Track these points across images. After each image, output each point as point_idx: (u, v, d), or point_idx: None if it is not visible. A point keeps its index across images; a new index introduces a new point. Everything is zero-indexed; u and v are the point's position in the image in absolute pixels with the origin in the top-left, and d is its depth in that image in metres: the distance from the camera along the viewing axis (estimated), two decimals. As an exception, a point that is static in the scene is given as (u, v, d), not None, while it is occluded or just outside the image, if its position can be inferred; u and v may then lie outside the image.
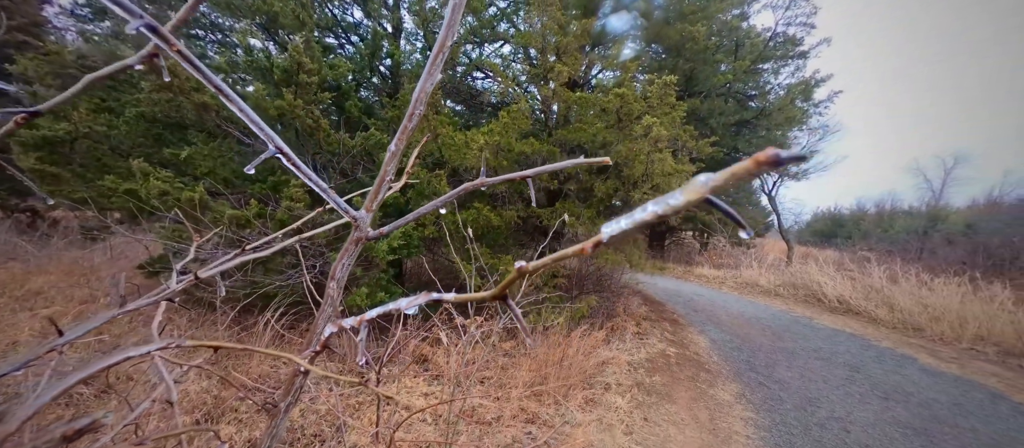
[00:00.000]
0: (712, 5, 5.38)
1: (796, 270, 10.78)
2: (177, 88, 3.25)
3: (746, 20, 7.19)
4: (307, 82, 3.62)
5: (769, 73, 8.27)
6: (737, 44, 6.71)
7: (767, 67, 8.04)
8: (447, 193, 0.89)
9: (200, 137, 3.99)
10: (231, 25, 5.74)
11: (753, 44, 7.27)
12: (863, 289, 8.34)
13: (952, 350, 5.88)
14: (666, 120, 3.74)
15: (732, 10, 5.94)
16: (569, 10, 4.49)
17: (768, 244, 20.53)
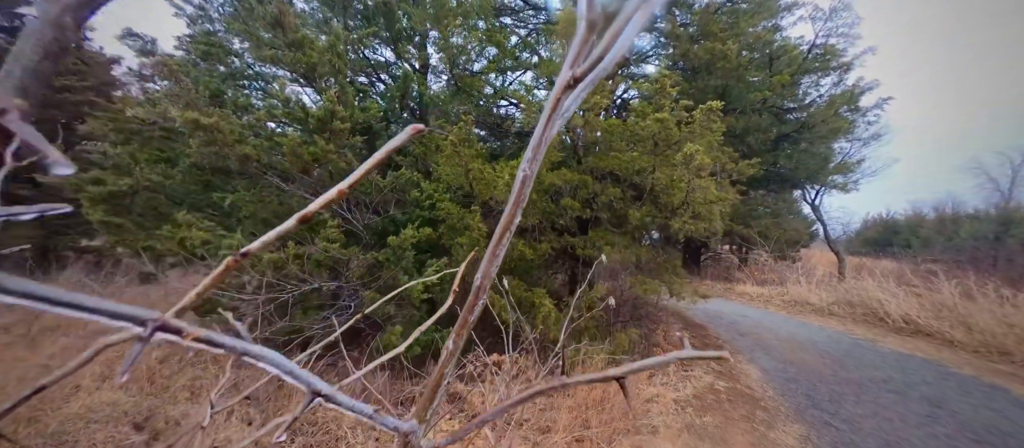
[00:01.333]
0: (742, 21, 5.22)
1: (851, 286, 9.97)
2: (221, 141, 3.44)
3: (779, 31, 6.91)
4: (341, 128, 3.74)
5: (809, 86, 7.86)
6: (771, 58, 6.43)
7: (806, 80, 7.65)
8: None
9: (243, 183, 4.19)
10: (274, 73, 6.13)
11: (792, 58, 6.95)
12: (932, 307, 7.56)
13: (1052, 379, 5.16)
14: (705, 143, 3.57)
15: (764, 22, 5.74)
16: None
17: (815, 255, 19.24)
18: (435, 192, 4.56)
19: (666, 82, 3.46)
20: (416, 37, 6.49)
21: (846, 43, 7.48)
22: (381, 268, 4.38)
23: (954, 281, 7.99)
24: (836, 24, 7.13)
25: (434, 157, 4.63)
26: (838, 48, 7.36)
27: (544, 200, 4.20)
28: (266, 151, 3.90)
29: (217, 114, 3.55)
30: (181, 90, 3.45)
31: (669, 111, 3.38)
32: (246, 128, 3.84)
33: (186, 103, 3.45)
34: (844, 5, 6.82)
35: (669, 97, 3.43)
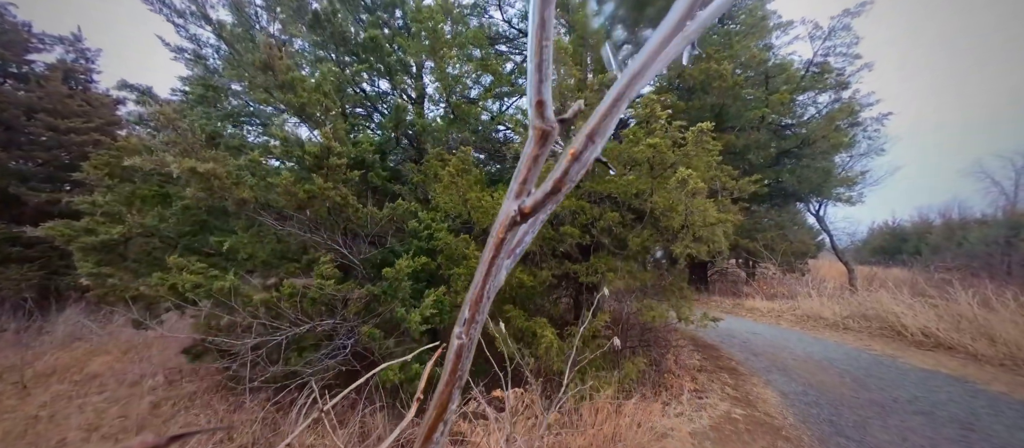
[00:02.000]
0: (735, 43, 5.26)
1: (864, 298, 9.70)
2: (218, 186, 3.40)
3: (772, 50, 6.97)
4: (337, 164, 3.70)
5: (807, 102, 7.87)
6: (767, 76, 6.47)
7: (804, 97, 7.67)
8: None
9: (239, 224, 4.14)
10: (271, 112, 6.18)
11: (788, 76, 6.98)
12: (951, 318, 7.30)
13: (1089, 393, 4.88)
14: (702, 164, 3.50)
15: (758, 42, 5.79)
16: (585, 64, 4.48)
17: (824, 266, 18.89)
18: (433, 221, 4.48)
19: (656, 106, 3.43)
20: (412, 67, 6.58)
21: (845, 62, 7.52)
22: (379, 302, 4.26)
23: (971, 290, 7.75)
24: (834, 43, 7.19)
25: (432, 186, 4.58)
26: (835, 66, 7.38)
27: (544, 226, 4.11)
28: (263, 190, 3.86)
29: (213, 158, 3.52)
30: (178, 137, 3.43)
31: (662, 134, 3.33)
32: (242, 168, 3.80)
33: (183, 150, 3.43)
34: (843, 25, 6.91)
35: (660, 121, 3.39)
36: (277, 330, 3.64)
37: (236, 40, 4.12)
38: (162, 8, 4.14)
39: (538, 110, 0.36)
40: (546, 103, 0.36)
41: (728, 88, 5.06)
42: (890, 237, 21.35)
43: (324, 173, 3.66)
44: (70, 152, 11.07)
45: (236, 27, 4.40)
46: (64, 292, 10.60)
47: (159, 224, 4.87)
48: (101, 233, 4.77)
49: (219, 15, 4.26)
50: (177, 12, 4.17)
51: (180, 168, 3.36)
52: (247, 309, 3.75)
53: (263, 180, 3.70)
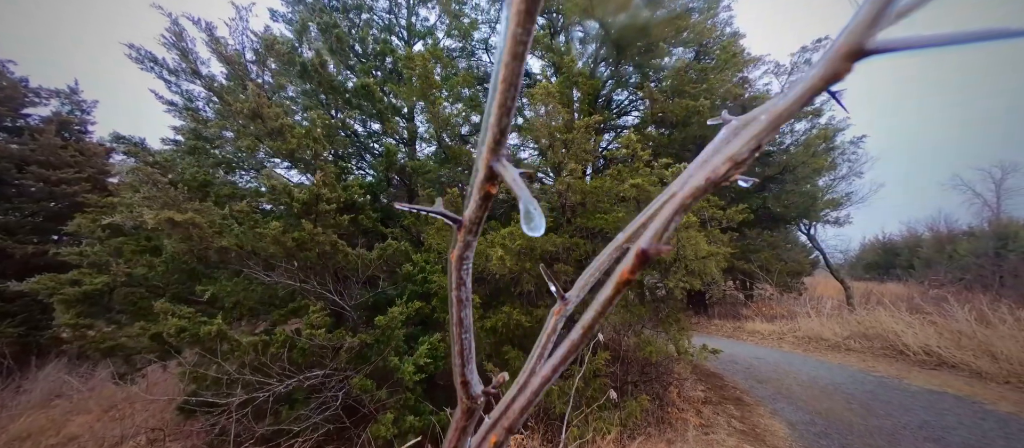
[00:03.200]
0: (711, 77, 5.52)
1: (863, 317, 9.66)
2: (198, 236, 3.37)
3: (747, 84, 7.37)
4: (327, 210, 3.70)
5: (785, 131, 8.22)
6: (743, 108, 6.79)
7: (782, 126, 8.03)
8: None
9: (225, 273, 4.07)
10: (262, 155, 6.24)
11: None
12: (952, 336, 7.26)
13: (1097, 410, 4.81)
14: (690, 197, 3.56)
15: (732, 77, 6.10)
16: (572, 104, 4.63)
17: (820, 284, 18.90)
18: (426, 263, 4.45)
19: (636, 146, 3.52)
20: (404, 109, 6.74)
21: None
22: (371, 350, 4.15)
23: (967, 306, 7.76)
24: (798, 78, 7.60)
25: (425, 227, 4.58)
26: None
27: (537, 265, 4.09)
28: (250, 238, 3.83)
29: (193, 209, 3.51)
30: (159, 192, 3.43)
31: (646, 171, 3.40)
32: (228, 217, 3.78)
33: (163, 203, 3.42)
34: (805, 60, 7.37)
35: (642, 159, 3.47)
36: (266, 384, 3.51)
37: (227, 93, 4.21)
38: (154, 67, 4.24)
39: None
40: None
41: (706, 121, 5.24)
42: (882, 252, 21.55)
43: (313, 219, 3.65)
44: (60, 202, 11.00)
45: (227, 81, 4.50)
46: (45, 346, 10.21)
47: (147, 273, 4.78)
48: (85, 284, 4.66)
49: (210, 69, 4.37)
50: (170, 71, 4.28)
51: (155, 220, 3.34)
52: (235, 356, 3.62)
53: (251, 229, 3.68)
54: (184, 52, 4.00)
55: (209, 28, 3.99)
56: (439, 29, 7.24)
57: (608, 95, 8.12)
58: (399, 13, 6.77)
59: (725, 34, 6.84)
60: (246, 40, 4.66)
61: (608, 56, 6.09)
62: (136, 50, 4.11)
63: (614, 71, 6.80)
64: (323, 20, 5.21)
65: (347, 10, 6.13)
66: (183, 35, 3.99)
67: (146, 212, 3.14)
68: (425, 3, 6.88)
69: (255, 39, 4.50)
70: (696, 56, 5.98)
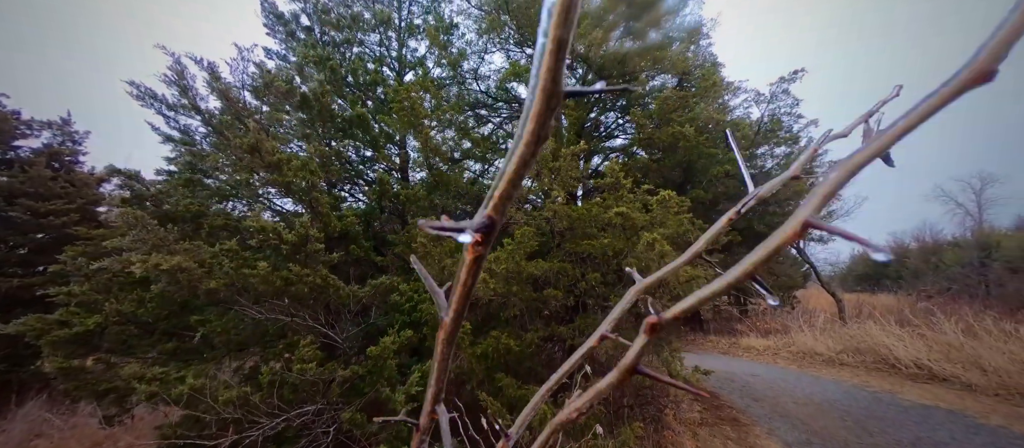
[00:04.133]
0: (696, 106, 5.75)
1: (855, 331, 9.74)
2: (185, 280, 3.38)
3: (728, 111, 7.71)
4: (316, 249, 3.75)
5: (766, 155, 8.54)
6: (726, 134, 7.06)
7: (762, 150, 8.36)
8: None
9: (214, 311, 4.06)
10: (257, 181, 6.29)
11: (743, 135, 7.66)
12: (941, 349, 7.35)
13: (1083, 421, 4.87)
14: (673, 222, 3.67)
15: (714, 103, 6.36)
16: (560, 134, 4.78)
17: (812, 297, 19.03)
18: (415, 293, 4.47)
19: (620, 175, 3.65)
20: (396, 136, 6.87)
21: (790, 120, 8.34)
22: (363, 382, 4.12)
23: (954, 318, 7.88)
24: (778, 106, 8.02)
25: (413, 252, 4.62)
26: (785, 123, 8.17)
27: (526, 290, 4.14)
28: (239, 277, 3.84)
29: (183, 249, 3.53)
30: (149, 234, 3.46)
31: (631, 199, 3.51)
32: (218, 255, 3.80)
33: (152, 246, 3.45)
34: (783, 90, 7.75)
35: (626, 188, 3.59)
36: (255, 424, 3.46)
37: (225, 127, 4.30)
38: (153, 103, 4.34)
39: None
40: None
41: (692, 147, 5.43)
42: (871, 263, 21.85)
43: (302, 259, 3.69)
44: (48, 233, 10.88)
45: (225, 115, 4.61)
46: (26, 382, 9.89)
47: (137, 310, 4.73)
48: (75, 325, 4.60)
49: (209, 104, 4.48)
50: (168, 106, 4.37)
51: (143, 268, 3.36)
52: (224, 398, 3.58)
53: (239, 268, 3.70)
54: (184, 89, 4.11)
55: (211, 67, 4.12)
56: (429, 59, 7.47)
57: (596, 119, 8.35)
58: (390, 46, 6.99)
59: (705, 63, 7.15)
60: (246, 78, 4.79)
61: (594, 81, 6.33)
62: (137, 87, 4.21)
63: (600, 96, 7.03)
64: (317, 53, 5.38)
65: (339, 45, 6.33)
66: (185, 73, 4.10)
67: (134, 258, 3.16)
68: (414, 36, 7.12)
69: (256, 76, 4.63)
70: (679, 83, 6.25)
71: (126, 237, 3.53)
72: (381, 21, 6.43)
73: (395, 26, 6.98)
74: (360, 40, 6.84)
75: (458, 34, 7.28)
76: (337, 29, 6.21)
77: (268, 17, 6.15)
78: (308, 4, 6.02)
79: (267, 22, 6.21)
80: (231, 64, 4.63)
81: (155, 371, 3.43)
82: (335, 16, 6.04)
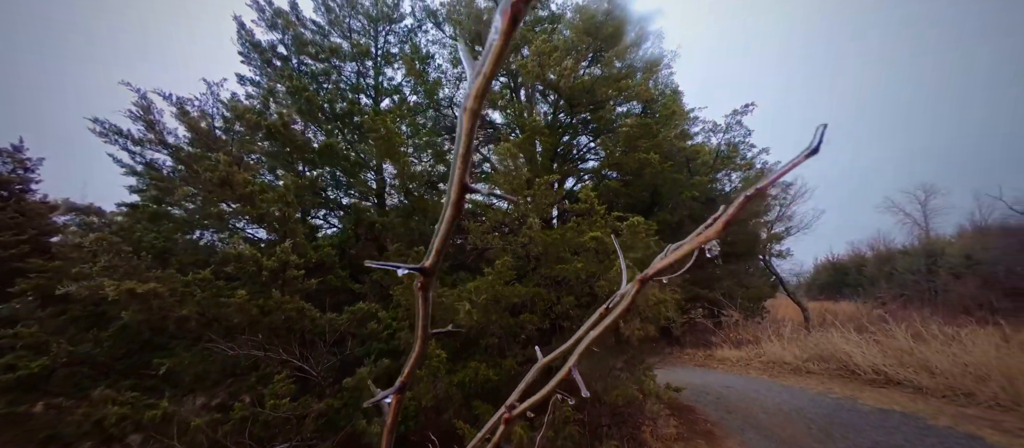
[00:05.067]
0: (659, 133, 6.13)
1: (819, 339, 10.24)
2: (159, 306, 3.30)
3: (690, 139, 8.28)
4: (295, 275, 3.73)
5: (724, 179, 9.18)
6: (687, 159, 7.57)
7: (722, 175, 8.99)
8: None
9: (182, 344, 3.94)
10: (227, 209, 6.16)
11: (704, 160, 8.22)
12: (895, 354, 7.84)
13: (1015, 419, 5.30)
14: (640, 246, 3.88)
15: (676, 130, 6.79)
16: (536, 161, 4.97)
17: (781, 306, 19.85)
18: (393, 320, 4.47)
19: (594, 201, 3.85)
20: (372, 162, 6.91)
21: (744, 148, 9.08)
22: (339, 415, 4.05)
23: (904, 324, 8.44)
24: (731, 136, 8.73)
25: (395, 286, 4.64)
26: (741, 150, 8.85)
27: (504, 316, 4.22)
28: (212, 306, 3.76)
29: (156, 276, 3.45)
30: (122, 261, 3.37)
31: (603, 224, 3.70)
32: (190, 283, 3.73)
33: (125, 272, 3.36)
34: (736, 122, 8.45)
35: (599, 213, 3.79)
36: (224, 465, 3.34)
37: (194, 160, 4.25)
38: (118, 139, 4.25)
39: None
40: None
41: (657, 173, 5.76)
42: (832, 271, 23.05)
43: (280, 286, 3.66)
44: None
45: (195, 146, 4.55)
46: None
47: (93, 349, 4.50)
48: (20, 369, 4.32)
49: (177, 138, 4.42)
50: (134, 141, 4.29)
51: (116, 292, 3.26)
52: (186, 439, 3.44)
53: (214, 297, 3.63)
54: (151, 124, 4.06)
55: (180, 102, 4.10)
56: (406, 87, 7.61)
57: (569, 143, 8.67)
58: (367, 74, 7.10)
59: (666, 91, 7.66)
60: (215, 111, 4.77)
61: (565, 108, 6.64)
62: (101, 124, 4.12)
63: (571, 123, 7.35)
64: (292, 85, 5.42)
65: (316, 75, 6.39)
66: (151, 108, 4.06)
67: (107, 283, 3.07)
68: (391, 65, 7.27)
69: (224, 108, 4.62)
70: (644, 111, 6.66)
71: (96, 264, 3.40)
72: (359, 52, 6.56)
73: (372, 56, 7.12)
74: (338, 68, 6.93)
75: (434, 64, 7.48)
76: (315, 59, 6.29)
77: (244, 45, 6.17)
78: (286, 35, 6.08)
79: (243, 51, 6.22)
80: (201, 98, 4.62)
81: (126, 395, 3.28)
82: (313, 48, 6.12)
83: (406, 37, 7.57)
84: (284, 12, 6.10)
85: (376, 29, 7.10)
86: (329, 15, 6.72)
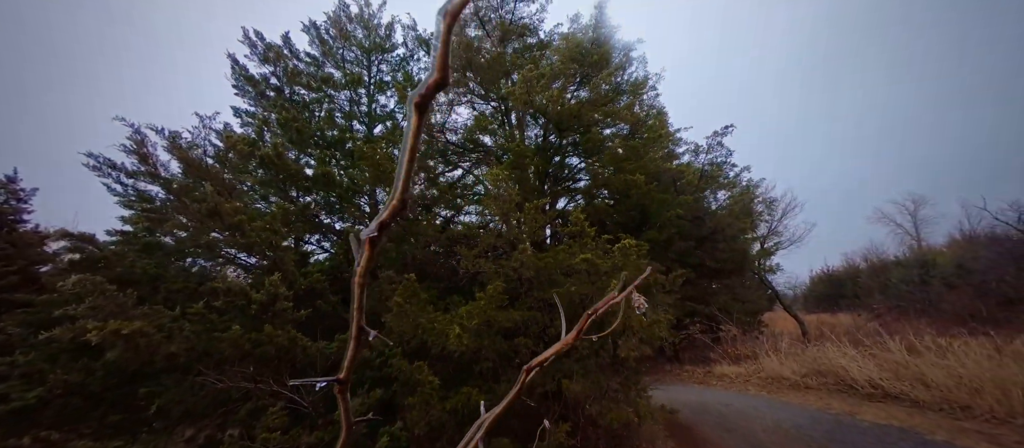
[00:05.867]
0: (644, 154, 6.30)
1: (817, 353, 10.22)
2: (145, 345, 3.29)
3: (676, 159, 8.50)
4: (285, 307, 3.74)
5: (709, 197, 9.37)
6: (673, 180, 7.76)
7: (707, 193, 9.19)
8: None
9: (171, 379, 3.90)
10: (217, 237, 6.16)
11: (688, 182, 8.44)
12: (891, 367, 7.84)
13: (1011, 432, 5.29)
14: (631, 267, 3.94)
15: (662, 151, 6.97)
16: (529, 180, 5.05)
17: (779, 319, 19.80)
18: (386, 348, 4.45)
19: (584, 224, 3.92)
20: (365, 187, 6.98)
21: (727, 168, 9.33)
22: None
23: (898, 337, 8.47)
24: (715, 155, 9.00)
25: (386, 313, 4.64)
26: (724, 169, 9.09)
27: (497, 341, 4.22)
28: (203, 341, 3.74)
29: (142, 314, 3.44)
30: (107, 300, 3.37)
31: (594, 246, 3.76)
32: (179, 318, 3.71)
33: (110, 313, 3.35)
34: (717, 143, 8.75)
35: (590, 235, 3.85)
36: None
37: (185, 193, 4.30)
38: (111, 172, 4.31)
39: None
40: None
41: (644, 193, 5.88)
42: (828, 283, 23.13)
43: (270, 318, 3.66)
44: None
45: (186, 177, 4.61)
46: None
47: (84, 379, 4.43)
48: (14, 400, 4.23)
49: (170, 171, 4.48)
50: (127, 173, 4.35)
51: (100, 335, 3.25)
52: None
53: (207, 332, 3.62)
54: (144, 157, 4.12)
55: (172, 135, 4.18)
56: (398, 113, 7.76)
57: (561, 163, 8.82)
58: (360, 102, 7.26)
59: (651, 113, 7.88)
60: (208, 145, 4.86)
61: (554, 130, 6.80)
62: (94, 158, 4.18)
63: (561, 144, 7.50)
64: (284, 116, 5.53)
65: (308, 104, 6.53)
66: (145, 142, 4.13)
67: (90, 326, 3.06)
68: (383, 92, 7.44)
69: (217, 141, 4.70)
70: (631, 132, 6.83)
71: (81, 305, 3.39)
72: (352, 81, 6.72)
73: (365, 84, 7.29)
74: (331, 97, 7.08)
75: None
76: (308, 89, 6.43)
77: (238, 79, 6.31)
78: (278, 67, 6.24)
79: (236, 84, 6.36)
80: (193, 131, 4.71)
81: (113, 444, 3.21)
82: (306, 78, 6.28)
83: (399, 65, 7.78)
84: (276, 46, 6.28)
85: (369, 59, 7.30)
86: (323, 47, 6.91)
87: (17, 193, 11.66)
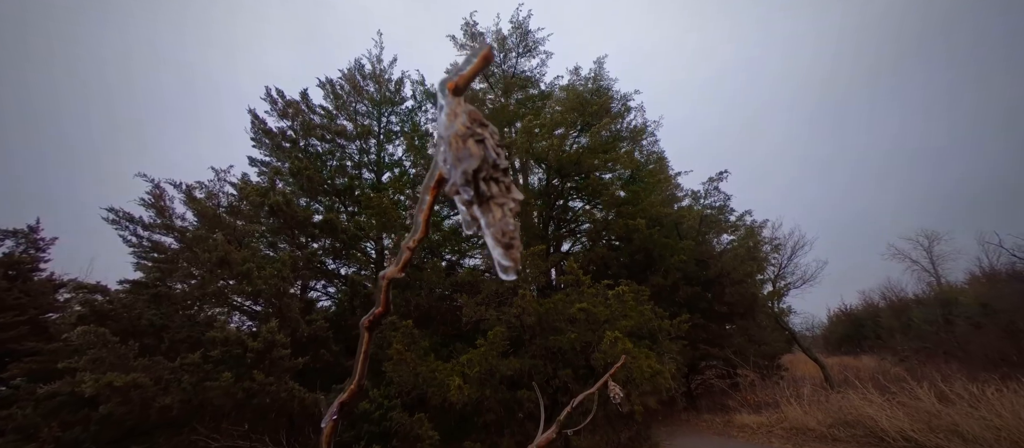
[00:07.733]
0: (643, 199, 6.41)
1: (842, 402, 9.64)
2: (138, 397, 3.26)
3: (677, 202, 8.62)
4: (281, 355, 3.71)
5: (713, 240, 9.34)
6: (676, 223, 7.82)
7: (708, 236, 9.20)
8: None
9: (163, 435, 3.81)
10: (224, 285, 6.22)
11: (689, 226, 8.48)
12: (923, 417, 7.35)
13: (1064, 491, 4.83)
14: (635, 314, 3.88)
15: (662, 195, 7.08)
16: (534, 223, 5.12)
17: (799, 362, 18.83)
18: (385, 400, 4.33)
19: (578, 272, 3.93)
20: (372, 231, 7.11)
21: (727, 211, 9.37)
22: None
23: (926, 383, 8.01)
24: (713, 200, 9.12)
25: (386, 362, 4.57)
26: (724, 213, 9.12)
27: (499, 391, 4.09)
28: (198, 392, 3.69)
29: (141, 365, 3.44)
30: (108, 352, 3.39)
31: (592, 293, 3.74)
32: (177, 370, 3.69)
33: (109, 365, 3.36)
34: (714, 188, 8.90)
35: (585, 284, 3.84)
36: None
37: (196, 243, 4.43)
38: (130, 225, 4.49)
39: None
40: None
41: (647, 237, 5.91)
42: (848, 323, 22.21)
43: (266, 367, 3.62)
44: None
45: (199, 229, 4.76)
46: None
47: (78, 436, 4.33)
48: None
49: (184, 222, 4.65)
50: (144, 226, 4.52)
51: (95, 388, 3.25)
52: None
53: (201, 382, 3.58)
54: (162, 210, 4.30)
55: (188, 189, 4.38)
56: (406, 161, 8.07)
57: (564, 206, 8.94)
58: (369, 151, 7.58)
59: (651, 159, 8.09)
60: (222, 195, 5.08)
61: (554, 178, 6.97)
62: (115, 212, 4.38)
63: (563, 189, 7.65)
64: (296, 165, 5.78)
65: (321, 155, 6.83)
66: (164, 196, 4.33)
67: (85, 379, 3.06)
68: (392, 142, 7.78)
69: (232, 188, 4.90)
70: (631, 177, 6.97)
71: (82, 358, 3.40)
72: (362, 132, 7.06)
73: (375, 134, 7.65)
74: (342, 146, 7.42)
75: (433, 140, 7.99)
76: (321, 140, 6.76)
77: (256, 132, 6.68)
78: (296, 121, 6.61)
79: (254, 136, 6.72)
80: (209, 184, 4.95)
81: None
82: (320, 130, 6.62)
83: (407, 116, 8.18)
84: (295, 102, 6.70)
85: (380, 111, 7.70)
86: (336, 101, 7.34)
87: (37, 242, 12.06)
